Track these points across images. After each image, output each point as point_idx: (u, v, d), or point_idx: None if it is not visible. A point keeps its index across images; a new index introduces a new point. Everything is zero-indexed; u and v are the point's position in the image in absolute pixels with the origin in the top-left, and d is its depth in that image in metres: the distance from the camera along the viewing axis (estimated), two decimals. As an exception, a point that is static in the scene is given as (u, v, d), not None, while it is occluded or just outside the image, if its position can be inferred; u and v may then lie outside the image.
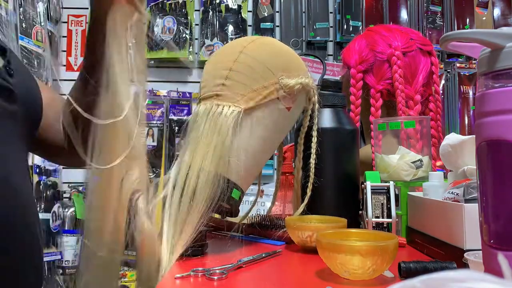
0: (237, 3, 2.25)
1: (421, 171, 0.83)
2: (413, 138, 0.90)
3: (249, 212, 0.89)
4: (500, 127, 0.39)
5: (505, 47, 0.39)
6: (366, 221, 0.74)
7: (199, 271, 0.55)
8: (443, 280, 0.20)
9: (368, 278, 0.52)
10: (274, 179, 2.13)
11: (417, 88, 1.08)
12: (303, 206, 0.78)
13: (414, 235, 0.72)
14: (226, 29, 2.23)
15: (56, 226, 1.89)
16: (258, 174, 0.85)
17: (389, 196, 0.75)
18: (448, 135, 0.76)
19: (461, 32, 0.42)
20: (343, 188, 0.82)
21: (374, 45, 1.11)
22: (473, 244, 0.54)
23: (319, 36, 2.25)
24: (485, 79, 0.41)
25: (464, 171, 0.71)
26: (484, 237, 0.41)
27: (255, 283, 0.57)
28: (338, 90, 0.87)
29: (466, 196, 0.59)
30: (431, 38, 2.25)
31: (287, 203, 1.01)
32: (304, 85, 0.74)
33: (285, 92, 0.72)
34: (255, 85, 0.70)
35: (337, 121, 0.83)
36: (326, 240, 0.53)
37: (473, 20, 2.31)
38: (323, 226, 0.70)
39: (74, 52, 2.23)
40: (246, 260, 0.61)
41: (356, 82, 1.10)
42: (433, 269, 0.53)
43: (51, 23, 2.07)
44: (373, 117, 1.06)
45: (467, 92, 2.21)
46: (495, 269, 0.39)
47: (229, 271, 0.56)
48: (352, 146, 0.84)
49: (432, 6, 2.31)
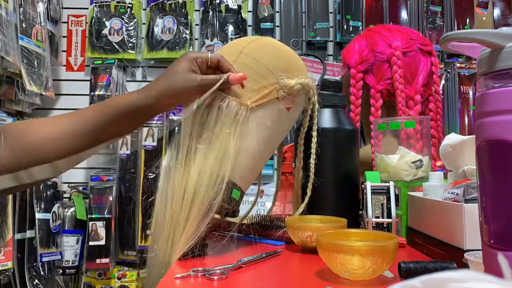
0: (237, 3, 2.25)
1: (421, 171, 0.83)
2: (413, 138, 0.90)
3: (249, 212, 0.89)
4: (500, 127, 0.39)
5: (505, 47, 0.39)
6: (366, 221, 0.74)
7: (199, 271, 0.55)
8: (443, 280, 0.20)
9: (368, 278, 0.52)
10: (274, 179, 2.13)
11: (417, 88, 1.08)
12: (303, 206, 0.78)
13: (414, 235, 0.72)
14: (226, 29, 2.23)
15: (56, 226, 1.89)
16: (258, 174, 0.85)
17: (389, 196, 0.75)
18: (448, 135, 0.76)
19: (461, 32, 0.42)
20: (343, 188, 0.82)
21: (374, 45, 1.11)
22: (473, 244, 0.54)
23: (319, 36, 2.25)
24: (485, 79, 0.41)
25: (464, 171, 0.71)
26: (484, 237, 0.41)
27: (255, 283, 0.57)
28: (338, 90, 0.87)
29: (466, 196, 0.59)
30: (431, 38, 2.24)
31: (287, 203, 1.01)
32: (303, 85, 0.74)
33: (284, 93, 0.72)
34: (254, 85, 0.70)
35: (337, 121, 0.83)
36: (326, 240, 0.53)
37: (473, 20, 2.31)
38: (323, 226, 0.70)
39: (74, 52, 2.23)
40: (246, 260, 0.61)
41: (356, 82, 1.10)
42: (433, 269, 0.53)
43: (51, 23, 2.07)
44: (373, 117, 1.06)
45: (467, 92, 2.21)
46: (495, 269, 0.39)
47: (229, 271, 0.56)
48: (352, 146, 0.84)
49: (432, 6, 2.31)
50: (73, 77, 2.22)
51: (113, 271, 1.95)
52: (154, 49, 2.19)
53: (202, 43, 2.23)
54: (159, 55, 2.19)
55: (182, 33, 2.20)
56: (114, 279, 1.95)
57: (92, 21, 2.18)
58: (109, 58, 2.13)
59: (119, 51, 2.15)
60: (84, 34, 2.23)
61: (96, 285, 1.95)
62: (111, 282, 1.95)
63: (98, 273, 1.93)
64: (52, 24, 2.09)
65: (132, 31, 2.18)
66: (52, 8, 2.08)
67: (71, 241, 1.93)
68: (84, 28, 2.24)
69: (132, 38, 2.18)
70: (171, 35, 2.19)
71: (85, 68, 2.22)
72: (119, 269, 1.97)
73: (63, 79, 2.21)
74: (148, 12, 2.23)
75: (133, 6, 2.21)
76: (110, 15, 2.19)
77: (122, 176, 1.99)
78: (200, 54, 0.68)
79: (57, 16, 2.16)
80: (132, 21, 2.19)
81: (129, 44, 2.17)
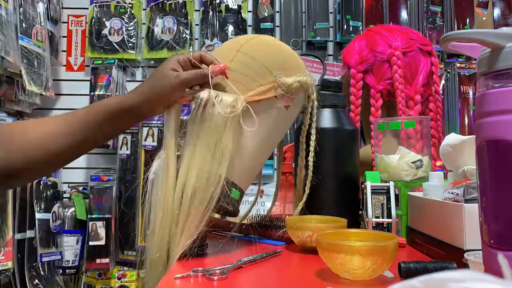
0: (237, 3, 2.25)
1: (421, 171, 0.83)
2: (413, 138, 0.90)
3: (249, 212, 0.89)
4: (500, 127, 0.39)
5: (505, 47, 0.39)
6: (366, 221, 0.74)
7: (199, 271, 0.55)
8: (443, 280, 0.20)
9: (368, 278, 0.52)
10: (274, 179, 2.13)
11: (417, 88, 1.08)
12: (302, 203, 0.78)
13: (414, 235, 0.72)
14: (226, 29, 2.23)
15: (56, 226, 1.89)
16: (258, 174, 0.85)
17: (389, 196, 0.75)
18: (448, 135, 0.76)
19: (461, 32, 0.42)
20: (343, 188, 0.82)
21: (374, 45, 1.11)
22: (473, 244, 0.54)
23: (319, 36, 2.25)
24: (485, 79, 0.41)
25: (464, 171, 0.71)
26: (484, 237, 0.41)
27: (255, 283, 0.57)
28: (338, 90, 0.87)
29: (466, 196, 0.59)
30: (431, 38, 2.24)
31: (287, 203, 1.01)
32: (302, 83, 0.73)
33: (283, 91, 0.71)
34: (252, 84, 0.70)
35: (337, 121, 0.83)
36: (326, 240, 0.53)
37: (473, 20, 2.30)
38: (323, 226, 0.70)
39: (74, 52, 2.23)
40: (246, 260, 0.61)
41: (356, 82, 1.10)
42: (433, 269, 0.53)
43: (51, 23, 2.07)
44: (373, 117, 1.06)
45: (467, 92, 2.21)
46: (495, 269, 0.39)
47: (229, 271, 0.56)
48: (352, 146, 0.84)
49: (432, 6, 2.31)
50: (73, 77, 2.22)
51: (113, 271, 1.95)
52: (154, 49, 2.19)
53: (202, 43, 2.23)
54: (159, 55, 2.18)
55: (182, 33, 2.20)
56: (114, 279, 1.95)
57: (92, 21, 2.18)
58: (109, 58, 2.13)
59: (119, 51, 2.15)
60: (84, 34, 2.23)
61: (96, 285, 1.95)
62: (111, 282, 1.95)
63: (98, 273, 1.93)
64: (52, 24, 2.09)
65: (132, 31, 2.18)
66: (52, 8, 2.08)
67: (71, 241, 1.93)
68: (84, 28, 2.24)
69: (132, 38, 2.18)
70: (171, 35, 2.19)
71: (85, 68, 2.22)
72: (119, 269, 1.97)
73: (63, 79, 2.21)
74: (148, 12, 2.23)
75: (133, 6, 2.21)
76: (110, 15, 2.19)
77: (122, 176, 1.99)
78: (182, 54, 0.71)
79: (57, 16, 2.16)
80: (132, 21, 2.19)
81: (129, 44, 2.17)
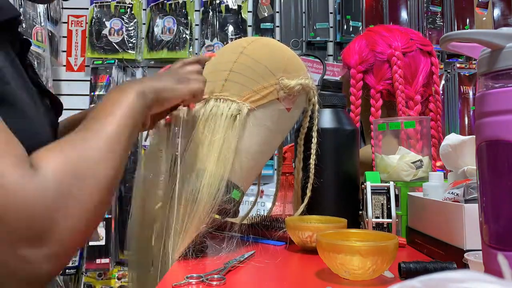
0: (237, 4, 2.25)
1: (421, 171, 0.83)
2: (413, 139, 0.90)
3: (249, 212, 0.89)
4: (500, 127, 0.39)
5: (505, 47, 0.39)
6: (366, 221, 0.74)
7: (194, 277, 0.53)
8: (443, 280, 0.20)
9: (368, 278, 0.52)
10: (274, 179, 2.13)
11: (417, 89, 1.08)
12: (303, 206, 0.78)
13: (414, 235, 0.72)
14: (226, 29, 2.23)
15: (56, 226, 1.89)
16: (258, 175, 0.85)
17: (389, 196, 0.75)
18: (448, 135, 0.76)
19: (461, 32, 0.42)
20: (343, 188, 0.82)
21: (374, 46, 1.11)
22: (473, 244, 0.54)
23: (319, 36, 2.25)
24: (485, 79, 0.41)
25: (464, 171, 0.71)
26: (484, 237, 0.41)
27: (255, 283, 0.57)
28: (338, 90, 0.87)
29: (466, 196, 0.59)
30: (431, 38, 2.24)
31: (287, 204, 1.01)
32: (304, 85, 0.74)
33: (285, 93, 0.72)
34: (255, 86, 0.70)
35: (337, 121, 0.83)
36: (326, 241, 0.53)
37: (473, 20, 2.31)
38: (323, 226, 0.70)
39: (74, 52, 2.23)
40: (234, 262, 0.59)
41: (356, 82, 1.10)
42: (433, 269, 0.53)
43: (51, 23, 2.07)
44: (373, 117, 1.06)
45: (467, 92, 2.21)
46: (495, 269, 0.39)
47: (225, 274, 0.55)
48: (352, 146, 0.84)
49: (432, 6, 2.31)
50: (73, 77, 2.22)
51: (113, 271, 1.95)
52: (154, 49, 2.19)
53: (202, 43, 2.23)
54: (159, 55, 2.19)
55: (182, 33, 2.20)
56: (114, 279, 1.95)
57: (92, 21, 2.18)
58: (109, 58, 2.13)
59: (119, 51, 2.16)
60: (84, 34, 2.23)
61: (96, 285, 1.95)
62: (111, 282, 1.95)
63: (98, 273, 1.93)
64: (52, 24, 2.09)
65: (132, 31, 2.18)
66: (52, 8, 2.08)
67: (71, 241, 1.93)
68: (84, 28, 2.24)
69: (132, 38, 2.18)
70: (171, 35, 2.19)
71: (85, 68, 2.22)
72: (119, 269, 1.97)
73: (63, 79, 2.21)
74: (148, 12, 2.23)
75: (133, 6, 2.21)
76: (110, 15, 2.19)
77: (122, 176, 1.99)
78: None
79: (57, 16, 2.16)
80: (132, 21, 2.19)
81: (129, 44, 2.17)
